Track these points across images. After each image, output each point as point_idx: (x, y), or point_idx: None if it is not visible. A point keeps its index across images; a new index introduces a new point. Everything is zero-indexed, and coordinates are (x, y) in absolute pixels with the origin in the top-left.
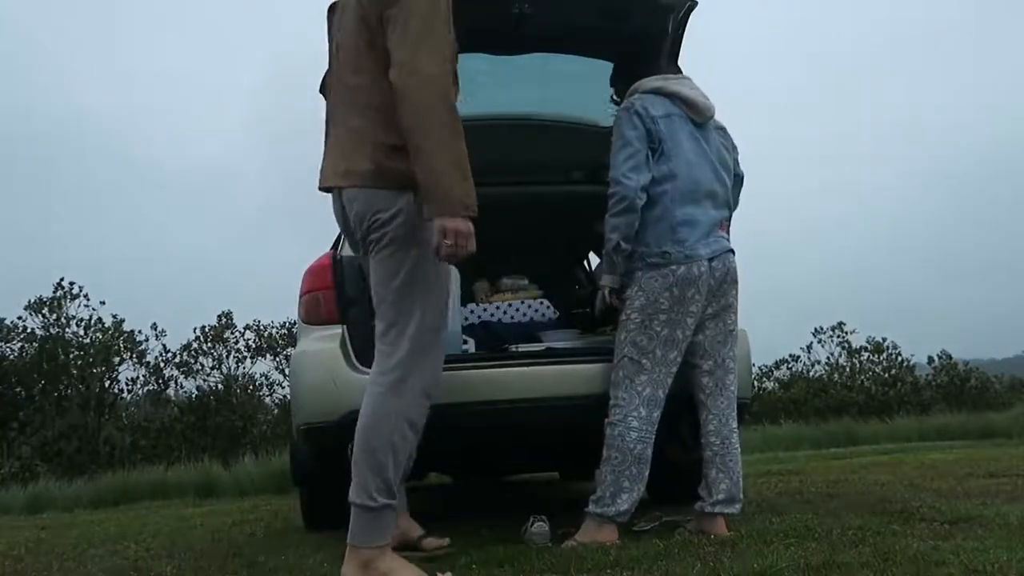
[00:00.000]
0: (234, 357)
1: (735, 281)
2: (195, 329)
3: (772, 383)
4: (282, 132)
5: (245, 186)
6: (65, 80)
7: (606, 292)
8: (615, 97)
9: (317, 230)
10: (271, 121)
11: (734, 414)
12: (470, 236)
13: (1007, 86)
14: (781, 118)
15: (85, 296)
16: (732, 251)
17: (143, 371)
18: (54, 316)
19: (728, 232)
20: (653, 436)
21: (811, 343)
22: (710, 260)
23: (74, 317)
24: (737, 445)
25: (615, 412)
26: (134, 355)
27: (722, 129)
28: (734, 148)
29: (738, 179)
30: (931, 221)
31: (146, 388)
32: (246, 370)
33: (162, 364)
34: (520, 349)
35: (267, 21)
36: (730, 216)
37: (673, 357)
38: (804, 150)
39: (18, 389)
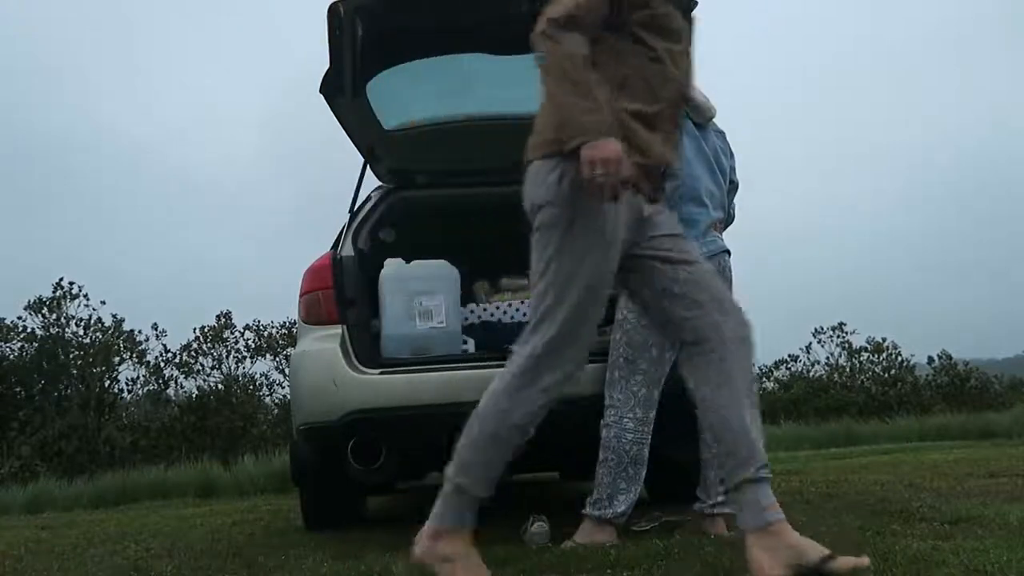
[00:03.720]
0: (234, 357)
1: (730, 281)
2: (195, 329)
3: (772, 383)
4: (287, 142)
5: (251, 193)
6: (86, 95)
7: None
8: None
9: (318, 234)
10: (278, 130)
11: None
12: None
13: (1008, 88)
14: (785, 119)
15: (85, 296)
16: (728, 251)
17: (143, 371)
18: (54, 316)
19: (721, 234)
20: (649, 436)
21: (811, 343)
22: (706, 259)
23: (74, 317)
24: None
25: (610, 413)
26: (134, 355)
27: (721, 133)
28: (732, 155)
29: (733, 187)
30: (930, 221)
31: (146, 388)
32: (246, 370)
33: (162, 364)
34: None
35: (277, 39)
36: (726, 221)
37: (669, 356)
38: (806, 150)
39: (18, 389)
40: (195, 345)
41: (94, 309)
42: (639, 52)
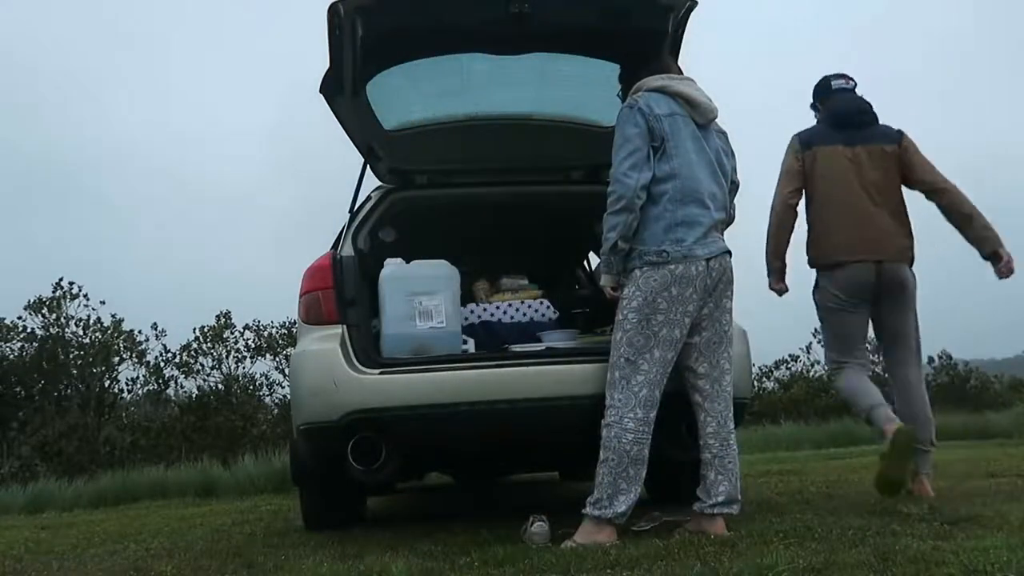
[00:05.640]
0: (234, 357)
1: (731, 282)
2: (195, 329)
3: (772, 383)
4: (289, 143)
5: (253, 194)
6: (102, 109)
7: (608, 291)
8: (620, 95)
9: (318, 234)
10: (280, 132)
11: (731, 415)
12: None
13: (1007, 94)
14: (789, 122)
15: (85, 296)
16: (729, 252)
17: (143, 371)
18: (54, 316)
19: (722, 235)
20: (649, 437)
21: (811, 343)
22: (707, 260)
23: (73, 317)
24: (735, 446)
25: (611, 413)
26: (134, 355)
27: (723, 134)
28: (733, 155)
29: (734, 186)
30: (930, 219)
31: (146, 388)
32: (246, 370)
33: (162, 364)
34: (520, 349)
35: (280, 48)
36: (727, 221)
37: (670, 358)
38: None
39: (18, 389)
40: (195, 345)
41: (94, 309)
42: None
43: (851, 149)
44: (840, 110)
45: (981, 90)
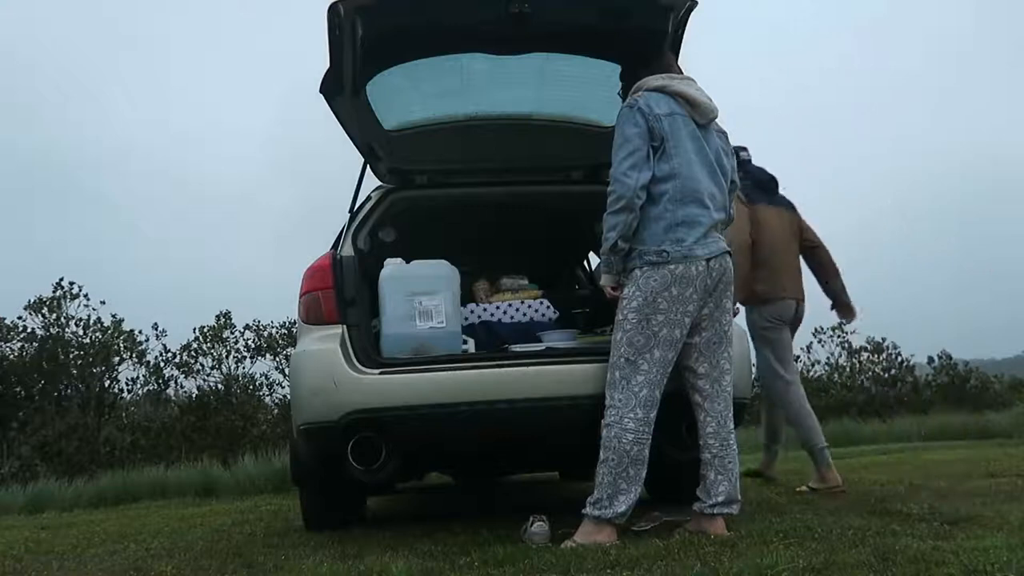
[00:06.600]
0: (234, 357)
1: (731, 282)
2: (195, 329)
3: None
4: (289, 144)
5: (254, 195)
6: (106, 112)
7: (608, 291)
8: (620, 94)
9: (318, 234)
10: (281, 133)
11: (731, 415)
12: None
13: (1008, 101)
14: (788, 124)
15: (85, 296)
16: (729, 252)
17: (143, 371)
18: (54, 316)
19: (722, 235)
20: (650, 437)
21: (811, 343)
22: (707, 260)
23: (73, 317)
24: (735, 446)
25: (611, 413)
26: (134, 355)
27: (723, 133)
28: (732, 155)
29: (734, 186)
30: (932, 220)
31: (146, 388)
32: (246, 370)
33: (162, 364)
34: (520, 349)
35: (281, 51)
36: (727, 221)
37: (671, 358)
38: (806, 155)
39: (18, 389)
40: (195, 345)
41: (94, 309)
42: None
43: (776, 209)
44: (758, 177)
45: (981, 90)
